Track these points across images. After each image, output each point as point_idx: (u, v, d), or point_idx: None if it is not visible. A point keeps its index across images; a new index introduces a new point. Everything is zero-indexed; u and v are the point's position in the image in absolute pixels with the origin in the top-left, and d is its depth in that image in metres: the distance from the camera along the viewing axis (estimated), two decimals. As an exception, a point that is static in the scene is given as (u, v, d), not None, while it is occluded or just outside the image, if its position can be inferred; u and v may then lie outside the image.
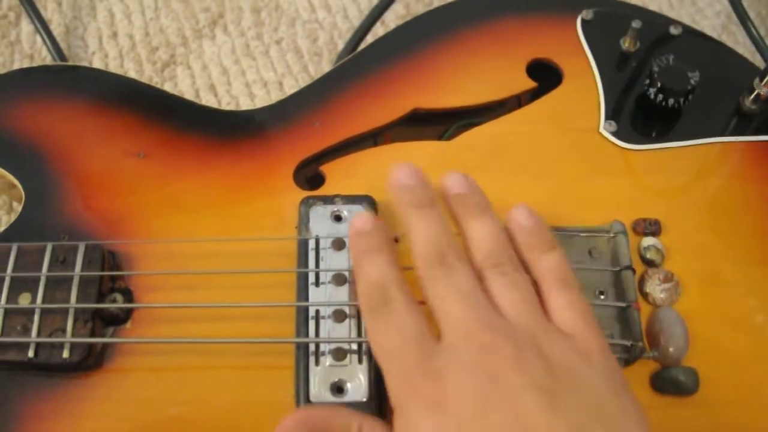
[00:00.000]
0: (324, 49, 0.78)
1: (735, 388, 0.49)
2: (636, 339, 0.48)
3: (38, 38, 0.76)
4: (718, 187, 0.57)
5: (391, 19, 0.79)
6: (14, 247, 0.50)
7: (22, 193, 0.54)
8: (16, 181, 0.54)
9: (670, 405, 0.49)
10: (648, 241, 0.53)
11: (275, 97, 0.73)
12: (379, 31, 0.77)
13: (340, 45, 0.78)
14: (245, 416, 0.47)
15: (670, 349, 0.49)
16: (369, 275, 0.45)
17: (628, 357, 0.49)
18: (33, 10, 0.74)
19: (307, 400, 0.46)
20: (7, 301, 0.48)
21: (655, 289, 0.52)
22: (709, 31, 0.79)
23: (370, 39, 0.74)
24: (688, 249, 0.54)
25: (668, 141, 0.58)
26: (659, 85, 0.57)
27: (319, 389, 0.46)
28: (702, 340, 0.50)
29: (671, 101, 0.57)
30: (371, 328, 0.43)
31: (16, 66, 0.75)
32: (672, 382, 0.48)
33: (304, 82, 0.75)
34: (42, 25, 0.74)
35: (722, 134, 0.59)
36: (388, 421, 0.42)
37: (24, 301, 0.48)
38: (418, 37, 0.62)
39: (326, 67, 0.77)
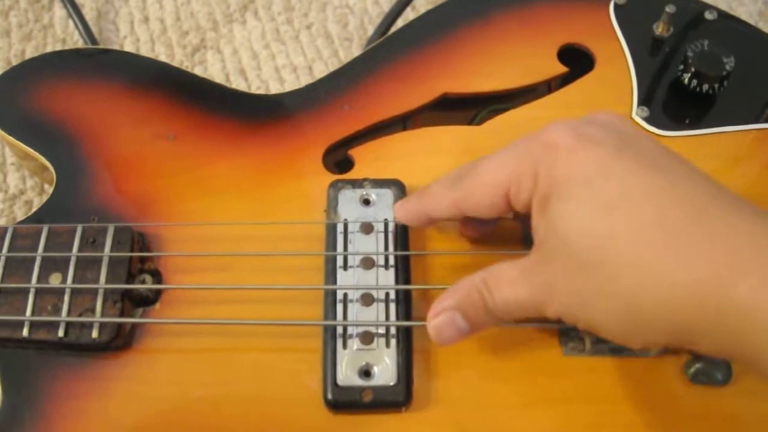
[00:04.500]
0: (354, 34, 0.78)
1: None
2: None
3: (70, 22, 0.77)
4: (752, 175, 0.56)
5: (422, 4, 0.79)
6: (45, 228, 0.51)
7: (54, 175, 0.54)
8: (48, 164, 0.55)
9: (703, 395, 0.48)
10: (680, 228, 0.52)
11: (305, 81, 0.73)
12: (409, 15, 0.77)
13: (371, 30, 0.77)
14: (272, 398, 0.47)
15: (703, 339, 0.48)
16: None
17: (661, 346, 0.48)
18: (66, -6, 0.75)
19: (335, 383, 0.46)
20: (38, 281, 0.49)
21: (687, 277, 0.51)
22: (745, 18, 0.78)
23: (400, 24, 0.74)
24: (721, 237, 0.53)
25: (702, 127, 0.57)
26: (693, 70, 0.56)
27: (346, 372, 0.46)
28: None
29: (705, 87, 0.56)
30: None
31: (48, 50, 0.76)
32: (705, 372, 0.48)
33: (333, 67, 0.75)
34: (74, 9, 0.75)
35: (757, 121, 0.57)
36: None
37: (55, 280, 0.49)
38: (448, 21, 0.62)
39: (356, 52, 0.76)
